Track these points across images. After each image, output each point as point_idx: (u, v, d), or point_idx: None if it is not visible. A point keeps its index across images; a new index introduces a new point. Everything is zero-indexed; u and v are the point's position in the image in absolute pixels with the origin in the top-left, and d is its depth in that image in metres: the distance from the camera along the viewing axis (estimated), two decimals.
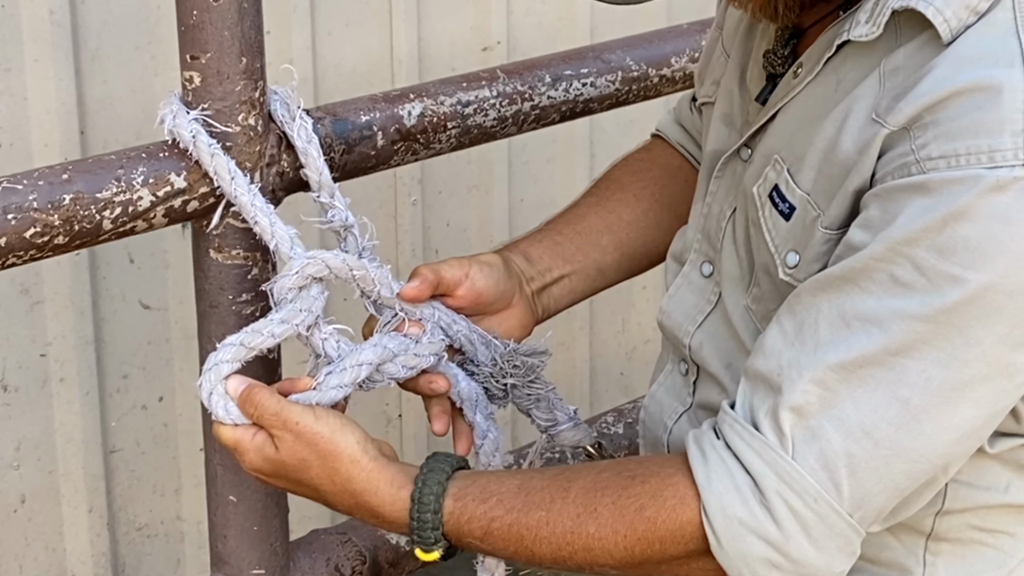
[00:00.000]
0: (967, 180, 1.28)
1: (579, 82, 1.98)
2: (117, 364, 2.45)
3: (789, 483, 1.34)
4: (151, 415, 2.51)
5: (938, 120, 1.30)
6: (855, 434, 1.32)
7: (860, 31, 1.39)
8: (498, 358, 1.64)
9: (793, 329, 1.36)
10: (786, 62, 1.53)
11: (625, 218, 1.80)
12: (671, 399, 1.66)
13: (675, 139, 1.88)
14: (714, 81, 1.70)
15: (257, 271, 1.68)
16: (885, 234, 1.31)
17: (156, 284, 2.46)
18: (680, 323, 1.62)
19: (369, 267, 1.54)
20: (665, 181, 1.83)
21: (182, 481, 2.58)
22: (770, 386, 1.36)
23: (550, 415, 1.68)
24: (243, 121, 1.61)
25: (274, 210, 1.58)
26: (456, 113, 1.85)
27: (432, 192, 2.79)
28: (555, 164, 2.96)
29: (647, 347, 3.25)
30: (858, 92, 1.39)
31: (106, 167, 1.58)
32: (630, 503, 1.39)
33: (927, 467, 1.34)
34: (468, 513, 1.43)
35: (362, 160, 1.78)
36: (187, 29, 1.59)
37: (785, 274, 1.45)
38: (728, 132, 1.63)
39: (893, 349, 1.31)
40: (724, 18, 1.72)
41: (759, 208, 1.48)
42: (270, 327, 1.50)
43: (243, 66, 1.60)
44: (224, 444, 1.50)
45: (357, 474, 1.45)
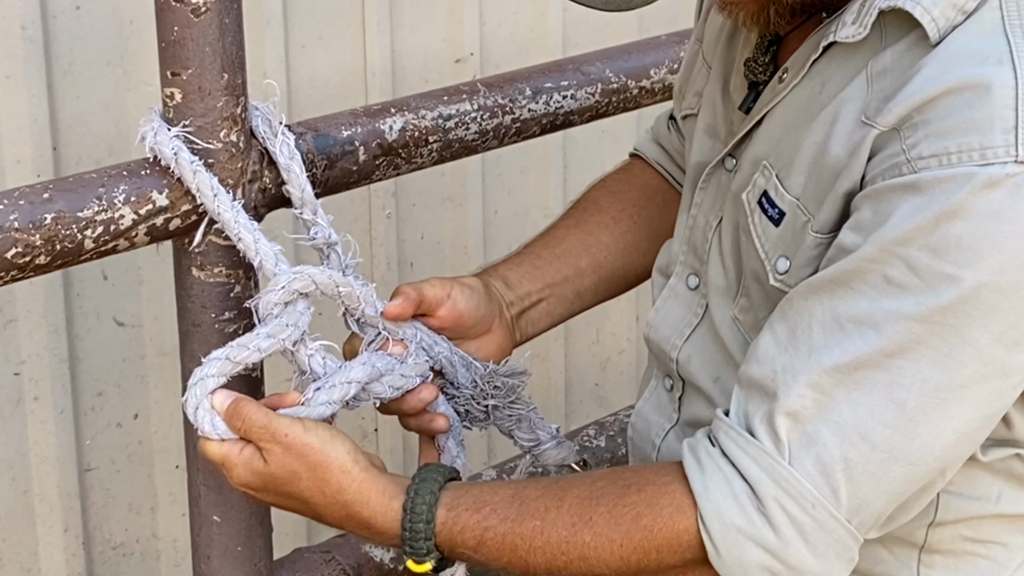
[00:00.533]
0: (959, 178, 1.28)
1: (559, 95, 1.98)
2: (92, 382, 2.43)
3: (786, 489, 1.33)
4: (126, 433, 2.49)
5: (928, 120, 1.30)
6: (852, 438, 1.32)
7: (847, 32, 1.39)
8: (478, 380, 1.63)
9: (786, 334, 1.36)
10: (767, 69, 1.52)
11: (603, 240, 1.79)
12: (657, 416, 1.65)
13: (653, 158, 1.88)
14: (696, 93, 1.69)
15: (240, 289, 1.66)
16: (877, 235, 1.31)
17: (130, 301, 2.44)
18: (667, 337, 1.61)
19: (355, 284, 1.53)
20: (643, 202, 1.83)
21: (158, 499, 2.55)
22: (764, 392, 1.36)
23: (532, 435, 1.67)
24: (225, 138, 1.60)
25: (258, 227, 1.56)
26: (438, 127, 1.84)
27: (406, 205, 2.77)
28: (529, 175, 2.95)
29: (621, 357, 3.24)
30: (846, 95, 1.38)
31: (87, 185, 1.56)
32: (626, 512, 1.38)
33: (924, 470, 1.34)
34: (461, 523, 1.42)
35: (344, 176, 1.76)
36: (168, 45, 1.57)
37: (776, 280, 1.44)
38: (712, 143, 1.62)
39: (888, 351, 1.30)
40: (703, 31, 1.72)
41: (748, 215, 1.48)
42: (256, 341, 1.48)
43: (225, 82, 1.58)
44: (211, 460, 1.48)
45: (348, 485, 1.43)
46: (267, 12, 2.46)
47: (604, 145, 3.05)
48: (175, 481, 2.54)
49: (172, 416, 2.50)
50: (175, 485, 2.54)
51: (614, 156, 3.08)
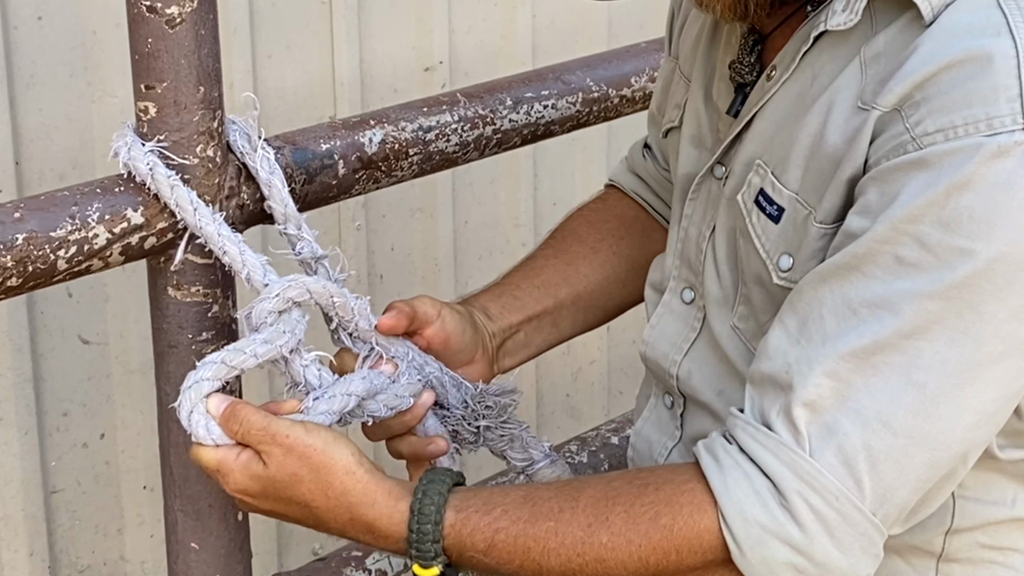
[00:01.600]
0: (967, 149, 1.26)
1: (540, 104, 1.94)
2: (56, 401, 2.37)
3: (809, 482, 1.29)
4: (92, 453, 2.43)
5: (930, 96, 1.28)
6: (872, 425, 1.29)
7: (837, 20, 1.37)
8: (469, 400, 1.60)
9: (796, 326, 1.33)
10: (753, 69, 1.51)
11: (583, 271, 1.77)
12: (659, 434, 1.62)
13: (630, 188, 1.86)
14: (676, 105, 1.67)
15: (218, 308, 1.61)
16: (886, 215, 1.28)
17: (96, 318, 2.38)
18: (665, 353, 1.58)
19: (349, 297, 1.49)
20: (622, 232, 1.81)
21: (125, 520, 2.50)
22: (779, 385, 1.32)
23: (525, 453, 1.64)
24: (201, 152, 1.55)
25: (242, 238, 1.51)
26: (418, 139, 1.80)
27: (376, 216, 2.73)
28: (499, 185, 2.92)
29: (592, 368, 3.21)
30: (839, 83, 1.37)
31: (60, 204, 1.51)
32: (644, 511, 1.34)
33: (947, 456, 1.31)
34: (471, 525, 1.37)
35: (323, 190, 1.72)
36: (141, 58, 1.52)
37: (780, 278, 1.42)
38: (698, 153, 1.60)
39: (906, 332, 1.28)
40: (677, 48, 1.70)
41: (746, 216, 1.45)
42: (253, 347, 1.43)
43: (201, 95, 1.53)
44: (205, 467, 1.42)
45: (353, 486, 1.39)
46: (234, 21, 2.41)
47: (575, 154, 3.02)
48: (143, 502, 2.48)
49: (139, 436, 2.44)
50: (143, 506, 2.49)
51: (585, 165, 3.05)
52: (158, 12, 1.49)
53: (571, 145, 2.98)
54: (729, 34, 1.55)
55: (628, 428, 2.16)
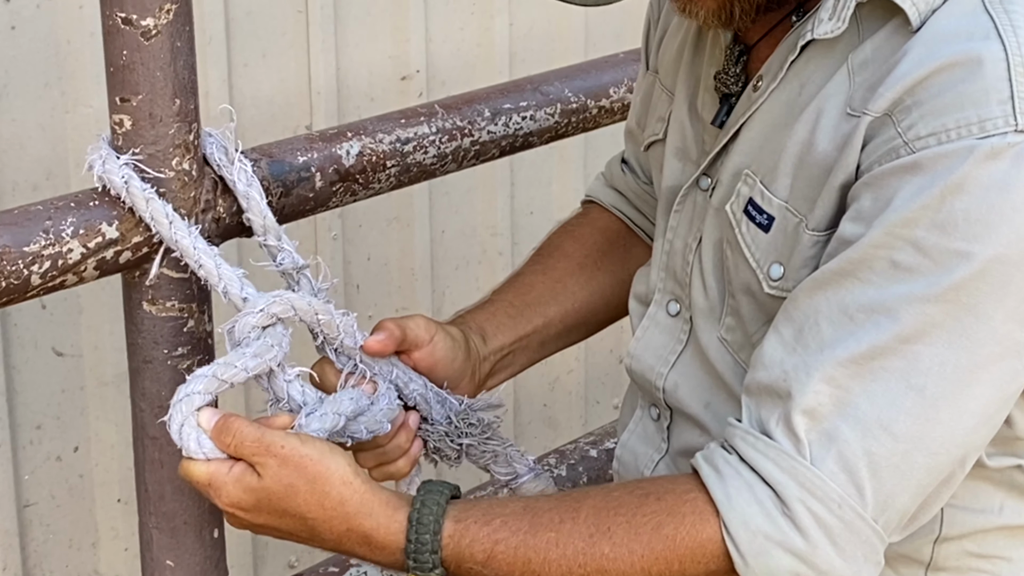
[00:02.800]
0: (960, 152, 1.26)
1: (518, 116, 1.93)
2: (30, 414, 2.35)
3: (811, 490, 1.29)
4: (66, 466, 2.41)
5: (921, 100, 1.28)
6: (873, 431, 1.28)
7: (824, 28, 1.37)
8: (453, 417, 1.58)
9: (792, 334, 1.32)
10: (739, 80, 1.50)
11: (570, 288, 1.76)
12: (645, 447, 1.61)
13: (609, 203, 1.85)
14: (660, 118, 1.67)
15: (193, 323, 1.59)
16: (881, 220, 1.28)
17: (70, 330, 2.36)
18: (651, 366, 1.57)
19: (335, 314, 1.47)
20: (606, 248, 1.80)
21: (99, 534, 2.47)
22: (777, 394, 1.32)
23: (509, 468, 1.63)
24: (177, 166, 1.53)
25: (218, 251, 1.49)
26: (395, 151, 1.78)
27: (352, 226, 2.71)
28: (476, 194, 2.90)
29: (570, 377, 3.20)
30: (827, 91, 1.37)
31: (33, 218, 1.49)
32: (646, 521, 1.33)
33: (947, 459, 1.31)
34: (470, 535, 1.35)
35: (300, 203, 1.70)
36: (116, 70, 1.50)
37: (770, 287, 1.41)
38: (683, 165, 1.59)
39: (904, 336, 1.27)
40: (656, 62, 1.69)
41: (735, 226, 1.44)
42: (243, 360, 1.41)
43: (176, 108, 1.51)
44: (196, 481, 1.40)
45: (350, 496, 1.37)
46: (209, 30, 2.40)
47: (552, 163, 3.01)
48: (117, 515, 2.46)
49: (114, 449, 2.42)
50: (117, 520, 2.46)
51: (562, 174, 3.04)
52: (133, 24, 1.47)
53: (548, 154, 2.97)
54: (713, 45, 1.55)
55: (607, 441, 2.15)
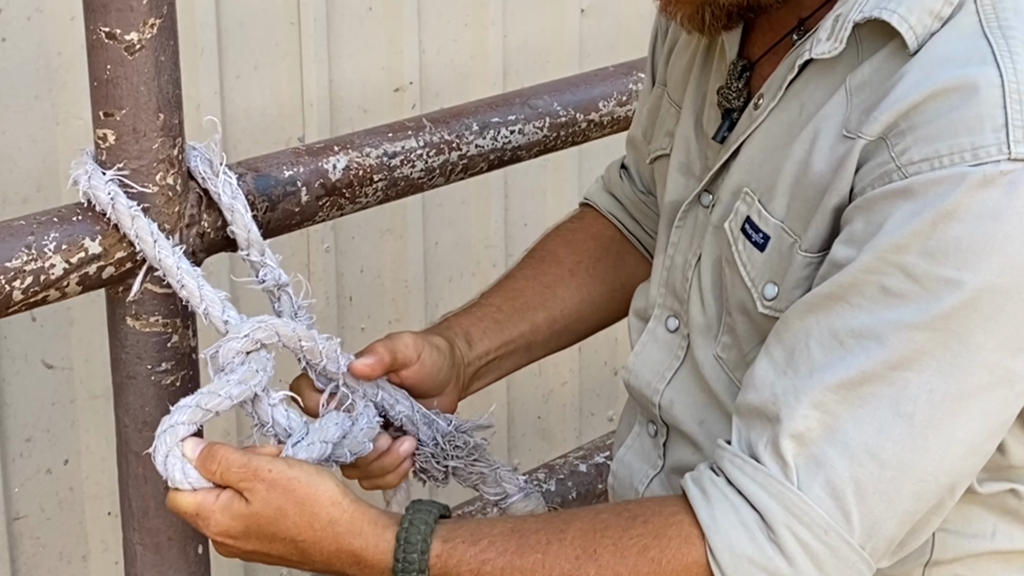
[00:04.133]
0: (952, 179, 1.25)
1: (507, 129, 1.92)
2: (20, 427, 2.34)
3: (797, 515, 1.28)
4: (56, 479, 2.40)
5: (915, 124, 1.27)
6: (860, 457, 1.28)
7: (822, 48, 1.36)
8: (440, 438, 1.56)
9: (783, 357, 1.32)
10: (740, 95, 1.50)
11: (560, 294, 1.76)
12: (641, 463, 1.60)
13: (605, 208, 1.85)
14: (667, 133, 1.66)
15: (178, 339, 1.58)
16: (872, 244, 1.27)
17: (60, 342, 2.35)
18: (648, 381, 1.57)
19: (318, 339, 1.46)
20: (599, 254, 1.80)
21: (90, 547, 2.46)
22: (767, 417, 1.31)
23: (498, 488, 1.61)
24: (161, 180, 1.52)
25: (201, 273, 1.49)
26: (382, 165, 1.78)
27: (345, 238, 2.71)
28: (470, 206, 2.90)
29: (564, 389, 3.19)
30: (825, 111, 1.36)
31: (15, 233, 1.48)
32: (632, 544, 1.32)
33: (935, 487, 1.30)
34: (457, 555, 1.35)
35: (286, 217, 1.69)
36: (100, 84, 1.50)
37: (764, 307, 1.41)
38: (686, 181, 1.59)
39: (893, 362, 1.27)
40: (665, 74, 1.68)
41: (732, 243, 1.44)
42: (227, 388, 1.41)
43: (160, 123, 1.51)
44: (183, 512, 1.39)
45: (340, 516, 1.37)
46: (201, 42, 2.39)
47: (545, 175, 3.01)
48: (107, 528, 2.45)
49: (104, 461, 2.41)
50: (108, 532, 2.46)
51: (556, 185, 3.03)
52: (117, 38, 1.47)
53: (542, 166, 2.96)
54: (720, 60, 1.54)
55: (597, 455, 2.15)
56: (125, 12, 1.46)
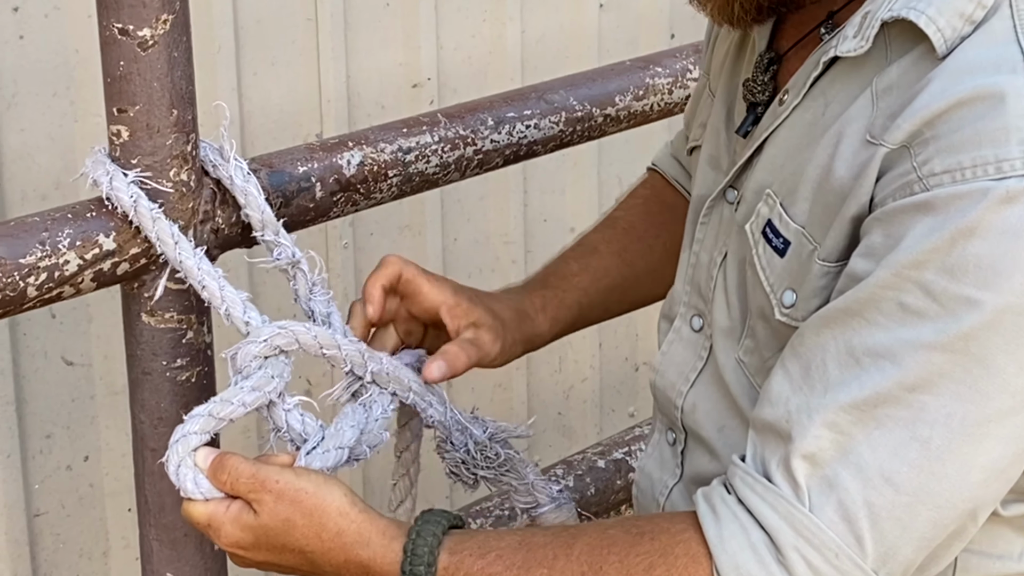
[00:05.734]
0: (974, 194, 1.21)
1: (522, 124, 1.91)
2: (39, 424, 2.35)
3: (807, 538, 1.25)
4: (76, 476, 2.41)
5: (939, 134, 1.23)
6: (874, 481, 1.24)
7: (848, 46, 1.33)
8: (471, 447, 1.53)
9: (799, 372, 1.28)
10: (766, 89, 1.46)
11: (638, 272, 1.75)
12: (660, 472, 1.58)
13: (672, 175, 1.82)
14: (701, 124, 1.63)
15: (193, 335, 1.58)
16: (890, 259, 1.23)
17: (79, 339, 2.36)
18: (673, 383, 1.55)
19: (343, 343, 1.45)
20: (674, 227, 1.76)
21: (110, 543, 2.47)
22: (780, 435, 1.28)
23: (529, 497, 1.59)
24: (175, 177, 1.52)
25: (222, 273, 1.48)
26: (397, 160, 1.77)
27: (363, 234, 2.71)
28: (488, 202, 2.89)
29: (584, 386, 3.18)
30: (849, 114, 1.32)
31: (30, 230, 1.48)
32: (638, 561, 1.30)
33: (954, 514, 1.26)
34: (464, 568, 1.34)
35: (300, 213, 1.69)
36: (113, 81, 1.50)
37: (782, 314, 1.37)
38: (714, 174, 1.56)
39: (909, 384, 1.23)
40: (710, 62, 1.65)
41: (753, 247, 1.41)
42: (240, 395, 1.40)
43: (174, 119, 1.51)
44: (195, 523, 1.39)
45: (347, 527, 1.36)
46: (218, 39, 2.39)
47: (565, 169, 3.00)
48: (128, 524, 2.46)
49: (124, 458, 2.42)
50: (128, 529, 2.46)
51: (575, 180, 3.03)
52: (130, 35, 1.47)
53: (561, 161, 2.96)
54: (751, 53, 1.51)
55: (616, 451, 2.14)
56: (138, 8, 1.46)
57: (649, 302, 1.80)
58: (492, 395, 3.01)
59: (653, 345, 3.32)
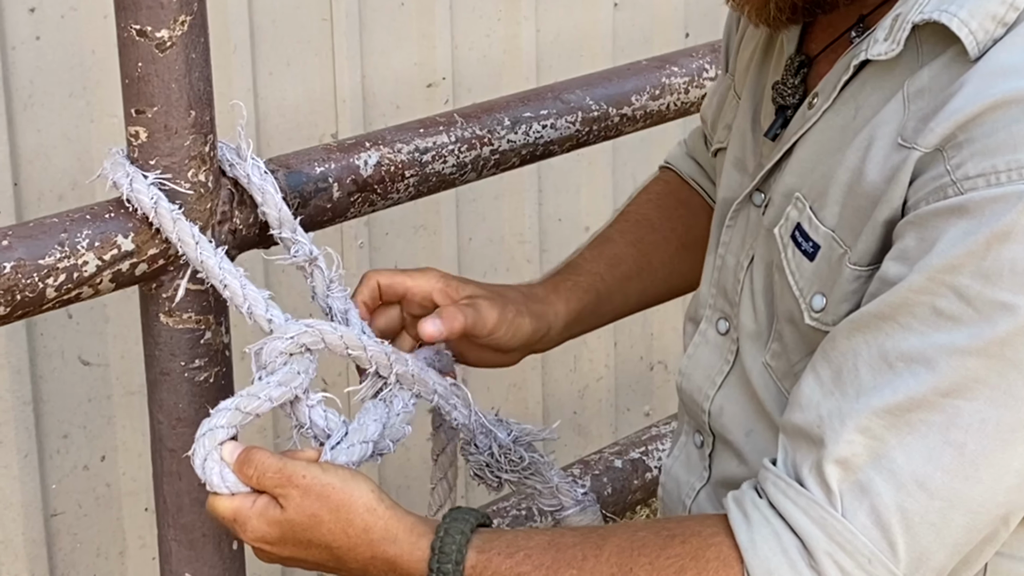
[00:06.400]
0: (1009, 197, 1.19)
1: (538, 124, 1.91)
2: (57, 424, 2.35)
3: (840, 543, 1.24)
4: (93, 476, 2.41)
5: (973, 137, 1.22)
6: (908, 486, 1.23)
7: (879, 49, 1.31)
8: (496, 450, 1.53)
9: (831, 377, 1.27)
10: (796, 92, 1.46)
11: (654, 263, 1.74)
12: (687, 475, 1.57)
13: (687, 173, 1.81)
14: (726, 126, 1.62)
15: (211, 335, 1.59)
16: (923, 263, 1.22)
17: (96, 339, 2.36)
18: (700, 386, 1.54)
19: (367, 343, 1.44)
20: (690, 221, 1.76)
21: (127, 543, 2.48)
22: (811, 440, 1.27)
23: (554, 500, 1.58)
24: (193, 177, 1.53)
25: (243, 272, 1.48)
26: (414, 161, 1.78)
27: (379, 234, 2.71)
28: (503, 201, 2.89)
29: (599, 385, 3.18)
30: (881, 117, 1.31)
31: (48, 231, 1.49)
32: (669, 564, 1.29)
33: (987, 519, 1.25)
34: (492, 567, 1.33)
35: (318, 214, 1.70)
36: (131, 82, 1.50)
37: (811, 319, 1.36)
38: (740, 177, 1.55)
39: (943, 389, 1.22)
40: (735, 63, 1.65)
41: (781, 250, 1.40)
42: (267, 391, 1.39)
43: (192, 119, 1.51)
44: (221, 517, 1.38)
45: (374, 523, 1.34)
46: (234, 39, 2.40)
47: (579, 169, 3.00)
48: (144, 524, 2.46)
49: (140, 457, 2.42)
50: (144, 528, 2.47)
51: (590, 180, 3.03)
52: (148, 36, 1.47)
53: (576, 161, 2.96)
54: (779, 54, 1.50)
55: (632, 451, 2.14)
56: (156, 9, 1.46)
57: (665, 296, 1.79)
58: (507, 394, 3.01)
59: (668, 344, 3.32)
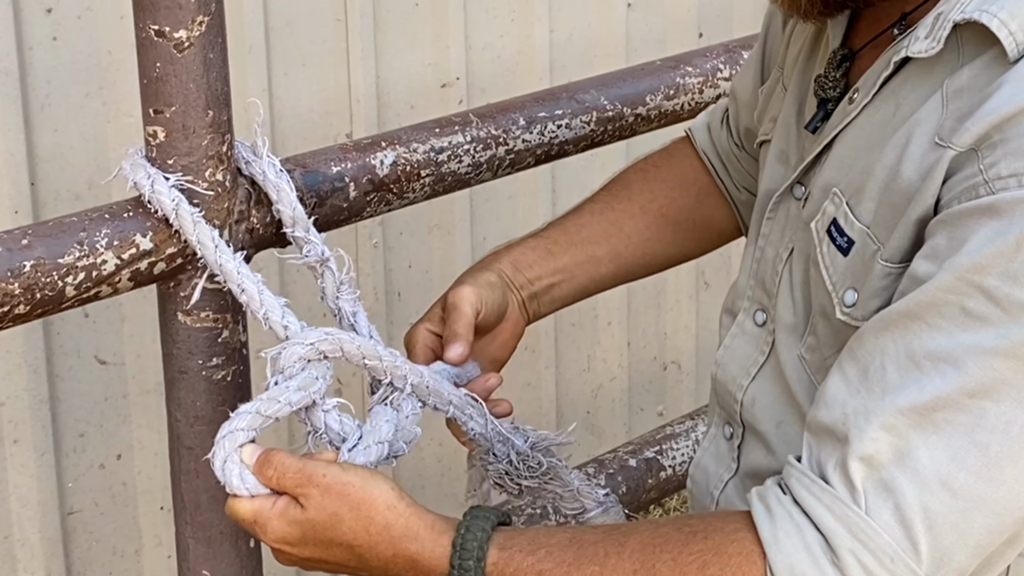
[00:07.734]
0: None
1: (553, 124, 1.92)
2: (73, 422, 2.36)
3: (863, 541, 1.24)
4: (109, 474, 2.42)
5: (1008, 138, 1.22)
6: (931, 486, 1.23)
7: (919, 47, 1.32)
8: (514, 457, 1.53)
9: (857, 375, 1.28)
10: (837, 86, 1.46)
11: (626, 230, 1.75)
12: (716, 466, 1.58)
13: (700, 144, 1.83)
14: (772, 118, 1.63)
15: (228, 334, 1.59)
16: (953, 262, 1.23)
17: (112, 338, 2.37)
18: (734, 376, 1.55)
19: (383, 354, 1.45)
20: (676, 193, 1.77)
21: (143, 541, 2.49)
22: (836, 437, 1.28)
23: (576, 503, 1.58)
24: (210, 177, 1.53)
25: (261, 278, 1.49)
26: (430, 160, 1.78)
27: (393, 234, 2.72)
28: (517, 201, 2.90)
29: (613, 384, 3.19)
30: (919, 115, 1.32)
31: (67, 230, 1.50)
32: (691, 560, 1.29)
33: (1009, 520, 1.25)
34: (514, 564, 1.33)
35: (334, 213, 1.70)
36: (149, 82, 1.51)
37: (843, 313, 1.37)
38: (783, 170, 1.56)
39: (970, 390, 1.22)
40: (784, 56, 1.65)
41: (817, 245, 1.41)
42: (287, 395, 1.40)
43: (210, 119, 1.52)
44: (241, 519, 1.38)
45: (395, 520, 1.35)
46: (249, 40, 2.41)
47: (593, 168, 3.00)
48: (160, 523, 2.47)
49: (156, 456, 2.43)
50: (160, 527, 2.48)
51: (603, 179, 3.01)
52: (166, 36, 1.48)
53: (590, 161, 2.96)
54: (825, 49, 1.51)
55: (647, 450, 2.15)
56: (174, 10, 1.47)
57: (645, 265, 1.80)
58: (521, 394, 3.01)
59: (681, 344, 3.32)
